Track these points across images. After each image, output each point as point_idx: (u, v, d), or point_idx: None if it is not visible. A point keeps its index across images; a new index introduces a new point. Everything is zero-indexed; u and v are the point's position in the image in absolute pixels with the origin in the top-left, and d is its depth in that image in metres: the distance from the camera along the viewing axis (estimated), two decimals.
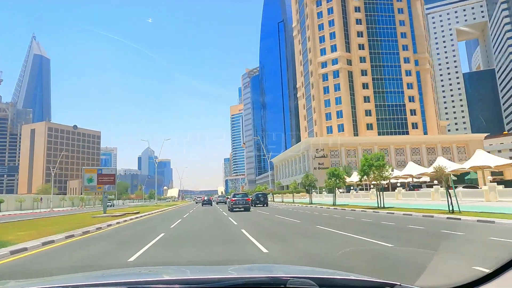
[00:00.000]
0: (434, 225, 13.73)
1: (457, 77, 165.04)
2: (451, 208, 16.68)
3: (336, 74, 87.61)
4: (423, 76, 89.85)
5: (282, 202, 52.44)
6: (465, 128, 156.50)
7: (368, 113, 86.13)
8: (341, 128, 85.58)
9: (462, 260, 6.85)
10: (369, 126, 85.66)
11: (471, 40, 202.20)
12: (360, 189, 55.67)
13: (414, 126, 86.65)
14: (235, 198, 30.31)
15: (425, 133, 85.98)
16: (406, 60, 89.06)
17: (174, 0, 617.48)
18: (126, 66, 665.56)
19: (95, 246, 10.76)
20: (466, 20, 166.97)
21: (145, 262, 7.46)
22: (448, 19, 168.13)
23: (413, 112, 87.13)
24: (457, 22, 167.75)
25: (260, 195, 40.50)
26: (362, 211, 23.94)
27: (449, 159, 77.66)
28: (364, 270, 6.09)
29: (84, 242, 11.86)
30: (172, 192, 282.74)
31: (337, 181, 32.77)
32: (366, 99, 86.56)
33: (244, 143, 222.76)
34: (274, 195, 64.18)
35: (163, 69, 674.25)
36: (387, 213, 20.80)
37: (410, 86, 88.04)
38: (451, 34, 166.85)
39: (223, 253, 8.78)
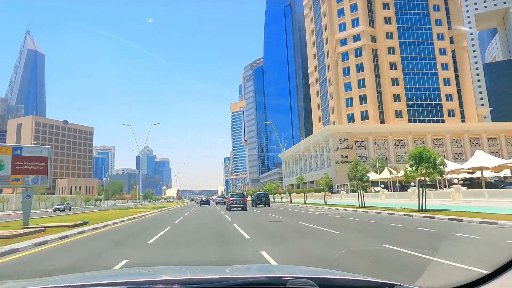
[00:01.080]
0: None
1: (477, 68, 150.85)
2: None
3: (358, 52, 73.41)
4: (459, 56, 75.70)
5: (306, 203, 38.29)
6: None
7: (396, 97, 71.91)
8: (364, 115, 71.31)
9: None
10: (398, 113, 71.41)
11: (484, 32, 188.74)
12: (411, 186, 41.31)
13: (451, 113, 72.47)
14: (233, 198, 30.95)
15: (463, 121, 71.81)
16: (440, 37, 74.94)
17: (174, 0, 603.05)
18: (125, 66, 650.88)
19: None
20: (486, 7, 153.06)
21: None
22: (467, 5, 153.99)
23: (449, 97, 72.95)
24: (476, 9, 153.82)
25: (261, 195, 37.74)
26: None
27: (495, 152, 63.65)
28: None
29: None
30: (171, 192, 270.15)
31: (430, 170, 18.50)
32: (394, 82, 72.36)
33: (246, 140, 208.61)
34: (291, 195, 49.80)
35: (162, 69, 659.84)
36: None
37: (445, 67, 73.88)
38: (469, 22, 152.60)
39: None
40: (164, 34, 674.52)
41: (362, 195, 26.76)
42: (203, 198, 56.00)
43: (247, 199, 66.66)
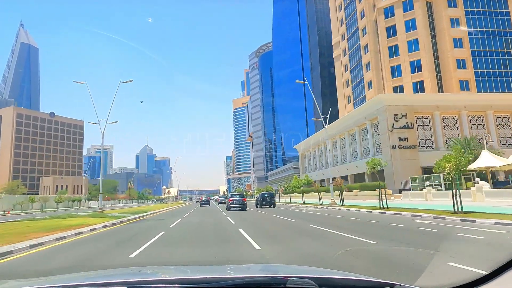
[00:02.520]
0: None
1: None
2: None
3: (407, 5, 54.69)
4: None
5: (386, 208, 19.82)
6: None
7: (461, 64, 53.12)
8: (418, 87, 52.57)
9: None
10: (464, 84, 52.65)
11: None
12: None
13: None
14: (232, 198, 30.34)
15: None
16: None
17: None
18: (124, 64, 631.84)
19: None
20: None
21: None
22: None
23: None
24: None
25: (266, 195, 33.27)
26: None
27: None
28: None
29: None
30: (170, 192, 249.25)
31: None
32: (457, 43, 53.59)
33: (251, 136, 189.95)
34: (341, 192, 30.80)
35: (162, 68, 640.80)
36: None
37: None
38: None
39: None
40: (163, 33, 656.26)
41: None
42: (203, 198, 55.07)
43: (254, 199, 50.16)
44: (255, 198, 40.79)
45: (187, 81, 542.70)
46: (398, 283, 1.68)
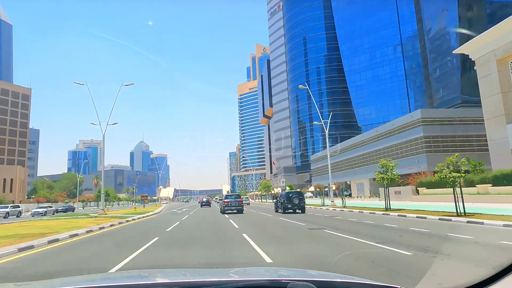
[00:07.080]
0: None
1: None
2: None
3: None
4: None
5: None
6: None
7: None
8: None
9: None
10: None
11: None
12: None
13: None
14: (227, 200, 26.84)
15: None
16: None
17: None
18: (124, 63, 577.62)
19: None
20: None
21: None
22: None
23: None
24: None
25: (292, 195, 23.65)
26: None
27: None
28: None
29: None
30: (166, 192, 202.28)
31: None
32: None
33: (267, 116, 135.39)
34: None
35: (160, 68, 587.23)
36: None
37: None
38: None
39: None
40: (162, 33, 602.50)
41: None
42: (204, 199, 53.17)
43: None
44: (279, 200, 25.83)
45: (186, 75, 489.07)
46: (399, 286, 1.61)
